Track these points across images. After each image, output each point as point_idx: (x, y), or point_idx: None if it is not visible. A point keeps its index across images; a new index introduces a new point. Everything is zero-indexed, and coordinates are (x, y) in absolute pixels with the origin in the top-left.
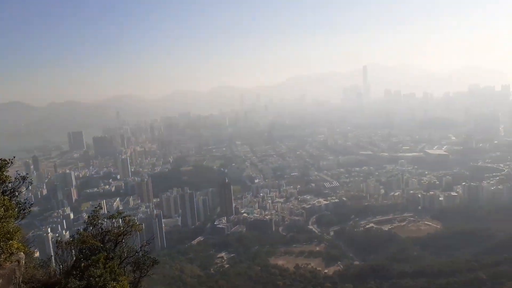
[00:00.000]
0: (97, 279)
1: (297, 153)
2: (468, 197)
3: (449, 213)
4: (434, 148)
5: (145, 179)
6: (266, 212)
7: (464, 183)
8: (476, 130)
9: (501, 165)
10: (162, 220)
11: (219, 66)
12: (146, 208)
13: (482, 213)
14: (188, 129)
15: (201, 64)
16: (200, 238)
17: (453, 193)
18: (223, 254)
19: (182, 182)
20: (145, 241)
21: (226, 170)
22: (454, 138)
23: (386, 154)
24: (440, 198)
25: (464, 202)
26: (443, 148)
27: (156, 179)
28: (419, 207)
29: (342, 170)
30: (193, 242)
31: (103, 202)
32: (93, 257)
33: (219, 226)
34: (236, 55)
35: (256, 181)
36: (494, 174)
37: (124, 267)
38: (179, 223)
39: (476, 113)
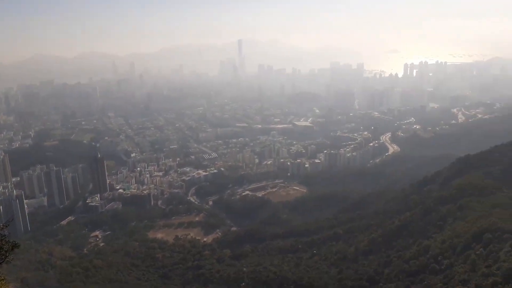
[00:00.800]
0: None
1: (176, 125)
2: (329, 163)
3: (314, 178)
4: (301, 120)
5: (1, 156)
6: (144, 187)
7: (325, 151)
8: (335, 103)
9: (355, 134)
10: (24, 200)
11: (86, 29)
12: (4, 188)
13: (340, 177)
14: (51, 99)
15: (66, 26)
16: (70, 218)
17: (317, 160)
18: (97, 232)
19: (46, 158)
20: (2, 224)
21: (98, 144)
22: (318, 111)
23: (259, 126)
24: (306, 165)
25: (326, 168)
26: (309, 120)
27: (14, 155)
28: (288, 174)
29: (220, 141)
30: (62, 222)
31: None
32: None
33: (91, 204)
34: (106, 19)
35: (133, 155)
36: (349, 143)
37: None
38: (45, 203)
39: (336, 88)
